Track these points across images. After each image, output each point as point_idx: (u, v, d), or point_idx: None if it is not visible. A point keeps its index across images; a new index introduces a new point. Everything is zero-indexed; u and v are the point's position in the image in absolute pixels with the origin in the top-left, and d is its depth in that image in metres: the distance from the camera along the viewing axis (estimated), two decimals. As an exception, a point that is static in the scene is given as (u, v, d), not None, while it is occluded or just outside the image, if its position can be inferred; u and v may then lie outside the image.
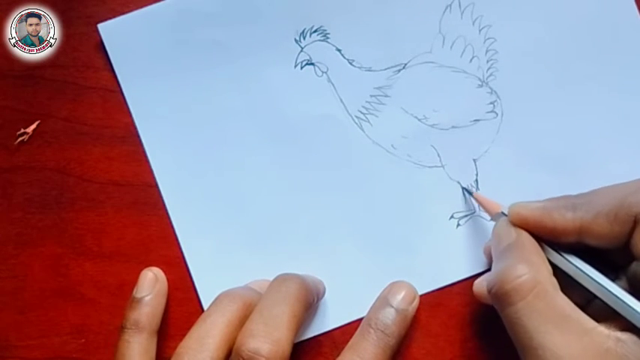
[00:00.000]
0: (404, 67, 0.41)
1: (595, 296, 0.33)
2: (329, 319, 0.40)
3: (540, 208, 0.35)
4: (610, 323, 0.31)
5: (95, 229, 0.41)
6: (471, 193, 0.40)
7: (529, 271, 0.32)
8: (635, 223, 0.32)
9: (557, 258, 0.34)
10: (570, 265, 0.34)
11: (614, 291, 0.32)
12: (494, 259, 0.35)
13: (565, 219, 0.33)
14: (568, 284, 0.34)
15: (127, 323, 0.37)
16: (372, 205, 0.41)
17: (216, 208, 0.41)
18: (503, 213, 0.36)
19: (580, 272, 0.33)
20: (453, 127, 0.41)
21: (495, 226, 0.37)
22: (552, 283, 0.32)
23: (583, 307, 0.32)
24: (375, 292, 0.39)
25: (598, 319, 0.32)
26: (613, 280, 0.33)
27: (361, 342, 0.36)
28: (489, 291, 0.33)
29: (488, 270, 0.39)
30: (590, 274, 0.33)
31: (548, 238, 0.34)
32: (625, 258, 0.33)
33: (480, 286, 0.37)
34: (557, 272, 0.34)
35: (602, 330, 0.31)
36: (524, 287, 0.32)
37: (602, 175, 0.40)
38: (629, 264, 0.34)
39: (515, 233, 0.35)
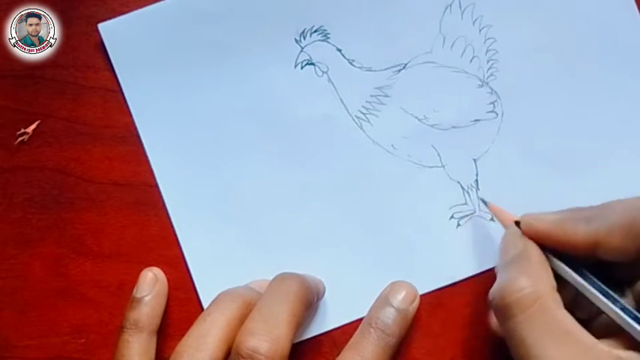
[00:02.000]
0: (404, 67, 0.41)
1: (600, 311, 0.32)
2: (329, 319, 0.40)
3: (553, 220, 0.34)
4: (613, 341, 0.31)
5: (95, 229, 0.41)
6: (485, 203, 0.39)
7: (531, 285, 0.32)
8: None
9: (563, 270, 0.34)
10: (577, 277, 0.33)
11: (619, 306, 0.31)
12: (498, 269, 0.35)
13: (577, 232, 0.33)
14: (573, 299, 0.33)
15: (127, 323, 0.38)
16: (372, 205, 0.41)
17: (216, 208, 0.41)
18: (516, 223, 0.36)
19: (586, 285, 0.33)
20: (453, 127, 0.41)
21: (504, 235, 0.36)
22: (555, 298, 0.32)
23: (588, 323, 0.32)
24: (375, 292, 0.39)
25: (602, 335, 0.31)
26: (620, 296, 0.32)
27: (361, 341, 0.36)
28: (491, 301, 0.33)
29: (488, 270, 0.39)
30: (597, 288, 0.32)
31: (559, 250, 0.34)
32: (633, 274, 0.33)
33: None
34: (563, 287, 0.33)
35: (602, 347, 0.30)
36: (526, 301, 0.31)
37: (603, 175, 0.40)
38: (637, 280, 0.33)
39: (522, 245, 0.34)
